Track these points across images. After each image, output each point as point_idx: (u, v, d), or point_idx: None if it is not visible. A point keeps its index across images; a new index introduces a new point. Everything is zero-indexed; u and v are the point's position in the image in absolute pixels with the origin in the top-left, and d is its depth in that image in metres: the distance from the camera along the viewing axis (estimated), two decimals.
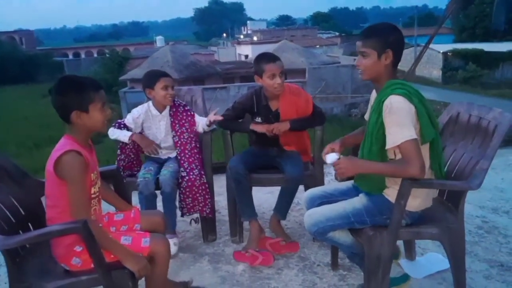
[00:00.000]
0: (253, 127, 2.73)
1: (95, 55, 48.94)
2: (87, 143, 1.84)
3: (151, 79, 2.73)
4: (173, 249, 2.62)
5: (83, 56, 52.87)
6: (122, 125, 2.82)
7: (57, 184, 1.69)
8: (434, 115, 1.85)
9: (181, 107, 2.86)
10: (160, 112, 2.81)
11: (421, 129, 1.78)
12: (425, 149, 1.83)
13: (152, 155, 2.82)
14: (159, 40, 47.91)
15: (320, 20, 77.37)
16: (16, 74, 34.50)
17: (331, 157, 1.94)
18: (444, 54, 27.99)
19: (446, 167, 2.06)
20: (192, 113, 2.88)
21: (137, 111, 2.84)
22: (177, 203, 2.78)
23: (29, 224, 1.88)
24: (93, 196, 1.82)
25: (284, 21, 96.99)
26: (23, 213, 1.88)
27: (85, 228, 1.54)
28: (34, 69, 36.60)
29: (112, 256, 1.72)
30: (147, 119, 2.84)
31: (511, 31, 29.77)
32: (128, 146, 2.85)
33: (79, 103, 1.71)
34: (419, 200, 1.91)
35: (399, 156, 1.83)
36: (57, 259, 1.75)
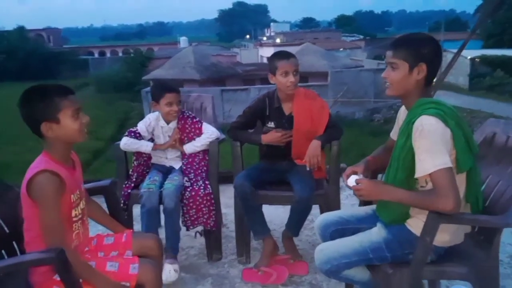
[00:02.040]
0: (265, 139, 2.54)
1: (120, 54, 49.69)
2: (68, 158, 1.67)
3: (156, 93, 2.63)
4: (173, 276, 2.42)
5: (108, 54, 53.72)
6: (137, 134, 2.71)
7: (30, 206, 1.53)
8: (473, 139, 1.63)
9: (190, 119, 2.73)
10: (167, 124, 2.71)
11: (457, 156, 1.56)
12: (461, 178, 1.61)
13: (162, 153, 2.76)
14: (183, 41, 48.21)
15: (344, 23, 76.54)
16: (40, 70, 35.22)
17: (352, 180, 1.73)
18: (472, 60, 27.31)
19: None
20: (200, 125, 2.73)
21: (148, 119, 2.76)
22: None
23: (14, 243, 1.72)
24: (74, 219, 1.65)
25: (308, 24, 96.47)
26: (7, 231, 1.72)
27: (60, 259, 1.38)
28: (60, 66, 37.40)
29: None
30: (157, 128, 2.75)
31: None
32: (144, 156, 2.75)
33: (46, 112, 1.54)
34: (447, 236, 1.68)
35: (430, 185, 1.60)
36: (34, 287, 1.59)
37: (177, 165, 2.77)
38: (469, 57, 27.03)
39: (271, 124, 2.62)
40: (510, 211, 1.63)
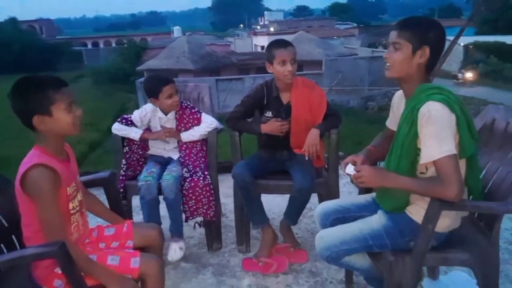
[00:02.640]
0: (264, 129, 2.52)
1: (114, 44, 49.30)
2: (62, 151, 1.64)
3: (154, 89, 2.58)
4: (179, 253, 2.49)
5: (101, 45, 53.26)
6: (129, 121, 2.69)
7: (27, 201, 1.51)
8: (474, 125, 1.62)
9: (188, 110, 2.70)
10: (166, 114, 2.69)
11: (460, 142, 1.55)
12: (461, 164, 1.60)
13: (160, 144, 2.74)
14: (177, 30, 47.84)
15: (338, 11, 76.14)
16: (35, 62, 34.77)
17: (351, 168, 1.73)
18: (465, 46, 27.28)
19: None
20: (199, 115, 2.71)
21: (145, 110, 2.72)
22: None
23: (13, 237, 1.71)
24: (72, 211, 1.63)
25: (302, 12, 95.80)
26: (6, 225, 1.71)
27: (62, 252, 1.37)
28: (53, 58, 37.00)
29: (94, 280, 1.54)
30: (154, 119, 2.72)
31: None
32: (135, 143, 2.73)
33: (39, 105, 1.50)
34: (448, 221, 1.67)
35: (431, 171, 1.60)
36: (37, 281, 1.57)
37: (175, 155, 2.75)
38: (462, 44, 27.00)
39: (269, 114, 2.60)
40: (510, 197, 1.62)
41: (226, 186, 3.10)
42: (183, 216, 2.63)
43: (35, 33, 45.81)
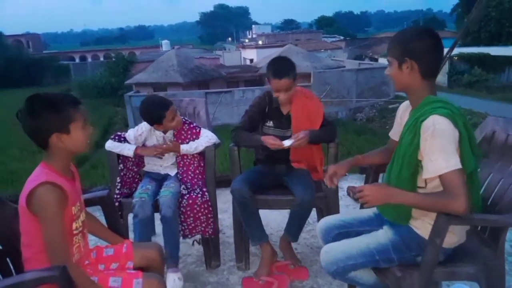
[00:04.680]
0: (265, 141, 2.41)
1: (102, 58, 49.08)
2: (68, 170, 1.61)
3: (156, 116, 2.50)
4: (178, 284, 2.38)
5: (89, 59, 52.98)
6: (122, 138, 2.64)
7: (31, 220, 1.46)
8: (475, 140, 1.62)
9: (186, 125, 2.67)
10: (165, 133, 2.64)
11: (462, 158, 1.52)
12: None
13: (157, 160, 2.68)
14: (165, 44, 47.82)
15: (324, 24, 77.05)
16: (21, 77, 34.53)
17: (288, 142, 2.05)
18: (450, 58, 27.77)
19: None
20: (197, 130, 2.67)
21: (140, 128, 2.66)
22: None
23: (7, 260, 1.64)
24: (75, 232, 1.59)
25: (289, 25, 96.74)
26: (0, 247, 1.65)
27: (63, 277, 1.31)
28: (40, 73, 36.73)
29: None
30: (150, 138, 2.66)
31: None
32: (130, 160, 2.68)
33: (59, 124, 1.49)
34: (455, 237, 1.66)
35: (430, 186, 1.60)
36: None
37: (172, 172, 2.70)
38: (447, 56, 27.51)
39: (270, 123, 2.59)
40: None
41: (223, 201, 3.05)
42: (181, 236, 2.55)
43: (21, 47, 45.43)
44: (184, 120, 2.69)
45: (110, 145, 2.62)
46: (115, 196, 2.58)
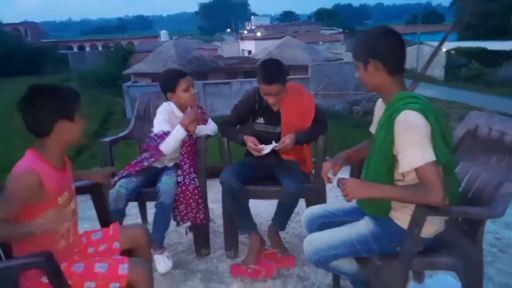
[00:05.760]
0: (246, 142, 2.49)
1: (100, 48, 48.80)
2: (60, 160, 1.65)
3: (170, 82, 2.56)
4: (169, 263, 2.48)
5: (88, 49, 52.66)
6: (166, 133, 2.53)
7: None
8: (448, 133, 1.65)
9: (200, 109, 2.70)
10: (183, 112, 2.64)
11: (434, 151, 1.56)
12: None
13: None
14: (164, 34, 47.57)
15: (323, 16, 76.88)
16: (20, 66, 34.26)
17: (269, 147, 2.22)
18: (448, 52, 27.78)
19: (461, 187, 1.86)
20: (207, 117, 2.72)
21: (163, 114, 2.60)
22: None
23: None
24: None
25: (288, 17, 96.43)
26: None
27: (48, 262, 1.36)
28: (39, 61, 36.44)
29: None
30: (172, 120, 2.61)
31: None
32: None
33: (67, 111, 1.57)
34: (434, 227, 1.71)
35: (408, 178, 1.64)
36: None
37: (170, 163, 2.75)
38: (444, 49, 27.51)
39: (260, 120, 2.63)
40: (495, 202, 1.66)
41: (214, 192, 3.10)
42: (174, 221, 2.60)
43: (19, 36, 45.17)
44: (199, 105, 2.72)
45: (167, 149, 2.51)
46: (116, 177, 2.55)
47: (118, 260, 1.66)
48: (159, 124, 2.57)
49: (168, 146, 2.50)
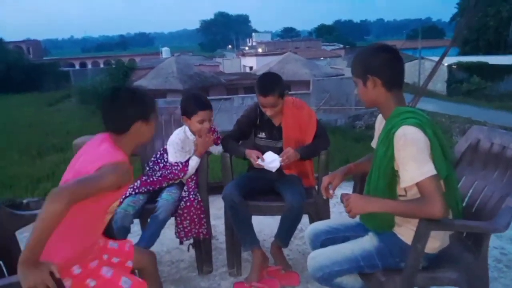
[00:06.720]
0: (249, 156, 2.50)
1: (102, 65, 49.18)
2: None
3: (189, 109, 2.54)
4: None
5: (89, 66, 53.12)
6: (182, 163, 2.59)
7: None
8: (447, 146, 1.66)
9: (215, 134, 2.70)
10: (195, 135, 2.64)
11: (434, 164, 1.57)
12: None
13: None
14: (165, 51, 48.07)
15: (324, 32, 77.67)
16: (22, 82, 34.62)
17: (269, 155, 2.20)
18: (449, 66, 27.94)
19: (465, 202, 1.86)
20: (219, 142, 2.72)
21: (177, 143, 2.63)
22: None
23: (0, 262, 1.68)
24: (110, 210, 1.66)
25: (289, 33, 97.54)
26: None
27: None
28: (40, 78, 36.79)
29: None
30: (187, 144, 2.65)
31: None
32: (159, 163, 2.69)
33: (147, 113, 1.67)
34: (438, 242, 1.70)
35: (410, 193, 1.64)
36: None
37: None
38: (446, 64, 27.68)
39: (262, 135, 2.65)
40: (498, 216, 1.66)
41: (216, 208, 3.08)
42: (175, 240, 2.60)
43: (21, 53, 45.60)
44: (213, 127, 2.71)
45: (187, 177, 2.61)
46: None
47: (124, 272, 1.70)
48: (174, 159, 2.61)
49: (188, 174, 2.60)
